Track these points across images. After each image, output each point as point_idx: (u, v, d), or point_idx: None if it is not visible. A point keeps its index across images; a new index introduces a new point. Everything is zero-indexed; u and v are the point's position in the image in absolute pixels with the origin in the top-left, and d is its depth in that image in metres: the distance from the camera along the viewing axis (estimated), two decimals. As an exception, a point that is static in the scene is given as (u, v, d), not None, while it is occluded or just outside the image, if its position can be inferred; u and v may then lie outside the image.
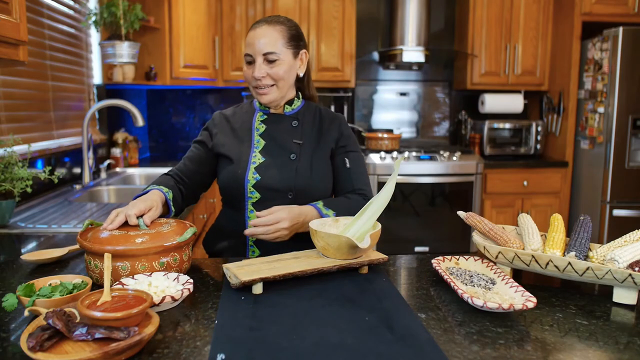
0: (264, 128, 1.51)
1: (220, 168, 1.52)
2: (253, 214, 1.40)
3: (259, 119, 1.53)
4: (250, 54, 1.42)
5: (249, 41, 1.42)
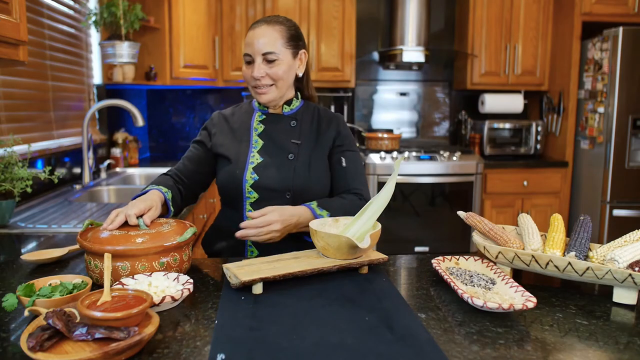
0: (262, 128, 1.51)
1: (218, 168, 1.52)
2: (251, 213, 1.40)
3: (258, 119, 1.53)
4: (249, 53, 1.42)
5: (248, 41, 1.43)
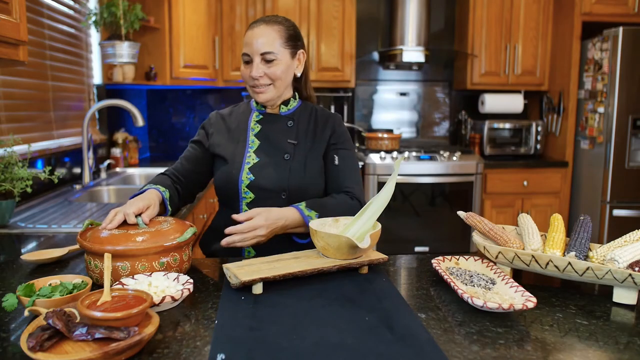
0: (259, 128, 1.51)
1: (215, 168, 1.52)
2: (236, 216, 1.38)
3: (255, 119, 1.52)
4: (247, 53, 1.42)
5: (246, 41, 1.42)
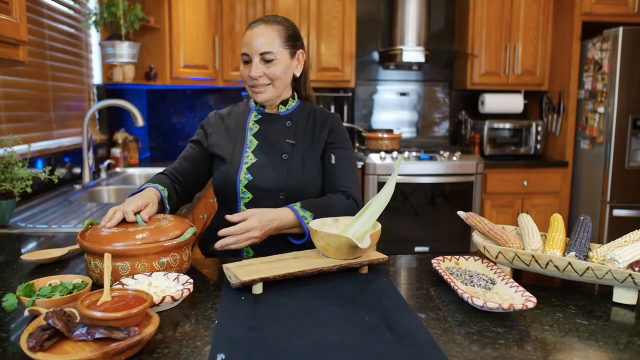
0: (257, 128, 1.50)
1: (214, 168, 1.52)
2: (229, 216, 1.37)
3: (253, 118, 1.52)
4: (247, 53, 1.42)
5: (246, 40, 1.42)
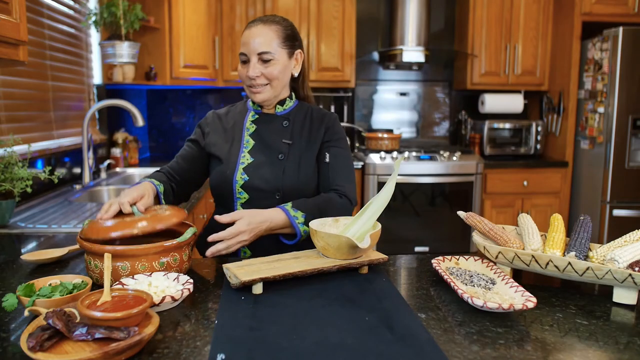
0: (254, 128, 1.50)
1: (211, 168, 1.52)
2: (219, 217, 1.37)
3: (251, 118, 1.52)
4: (245, 53, 1.42)
5: (244, 40, 1.42)
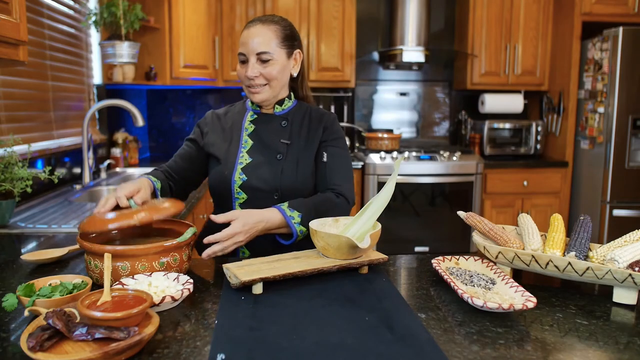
0: (252, 128, 1.50)
1: (209, 168, 1.52)
2: (214, 217, 1.35)
3: (249, 118, 1.52)
4: (243, 53, 1.42)
5: (242, 40, 1.42)
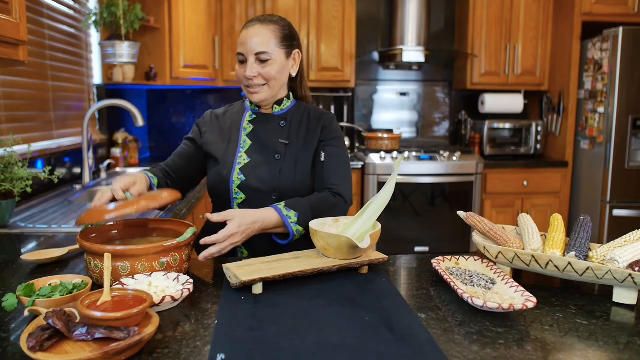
0: (251, 128, 1.50)
1: (208, 168, 1.52)
2: (209, 216, 1.34)
3: (248, 118, 1.52)
4: (242, 53, 1.41)
5: (241, 40, 1.42)
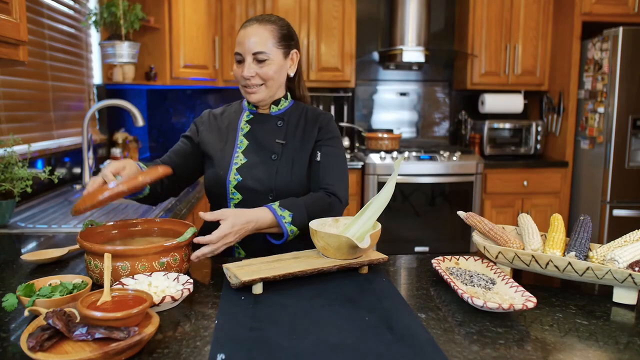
0: (248, 128, 1.50)
1: (205, 169, 1.52)
2: (203, 214, 1.33)
3: (245, 118, 1.52)
4: (240, 52, 1.41)
5: (239, 40, 1.41)
